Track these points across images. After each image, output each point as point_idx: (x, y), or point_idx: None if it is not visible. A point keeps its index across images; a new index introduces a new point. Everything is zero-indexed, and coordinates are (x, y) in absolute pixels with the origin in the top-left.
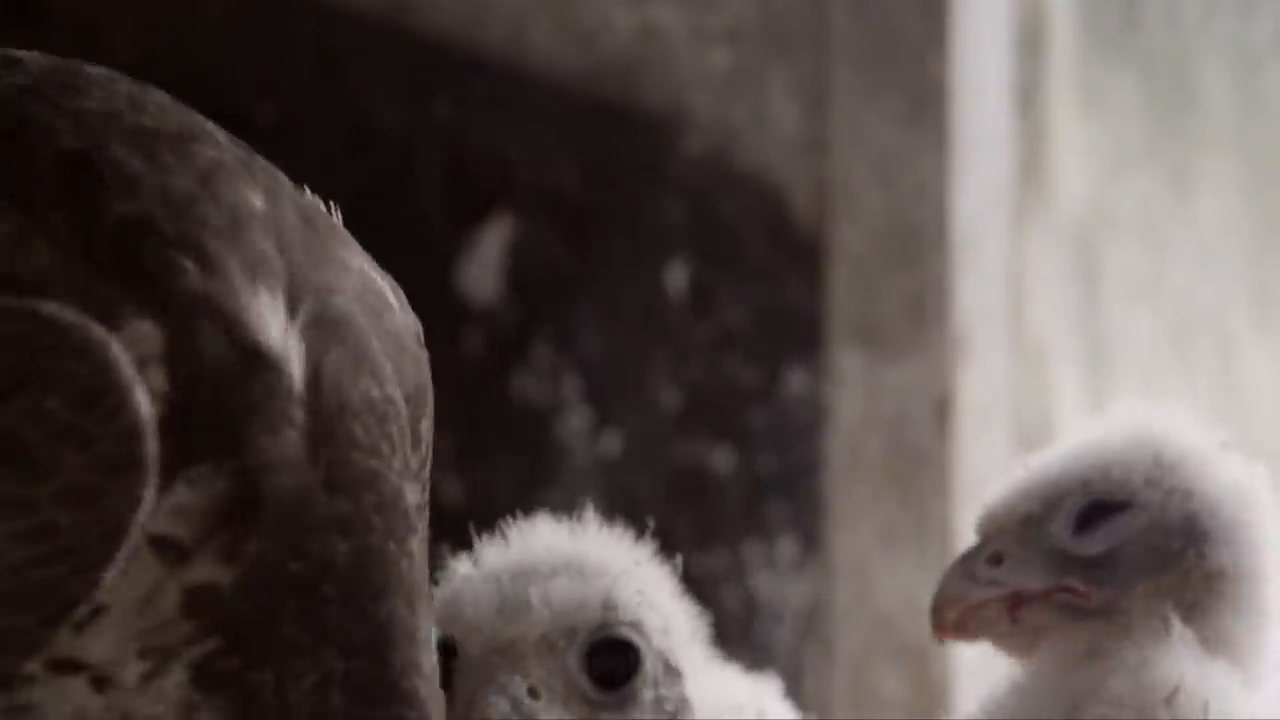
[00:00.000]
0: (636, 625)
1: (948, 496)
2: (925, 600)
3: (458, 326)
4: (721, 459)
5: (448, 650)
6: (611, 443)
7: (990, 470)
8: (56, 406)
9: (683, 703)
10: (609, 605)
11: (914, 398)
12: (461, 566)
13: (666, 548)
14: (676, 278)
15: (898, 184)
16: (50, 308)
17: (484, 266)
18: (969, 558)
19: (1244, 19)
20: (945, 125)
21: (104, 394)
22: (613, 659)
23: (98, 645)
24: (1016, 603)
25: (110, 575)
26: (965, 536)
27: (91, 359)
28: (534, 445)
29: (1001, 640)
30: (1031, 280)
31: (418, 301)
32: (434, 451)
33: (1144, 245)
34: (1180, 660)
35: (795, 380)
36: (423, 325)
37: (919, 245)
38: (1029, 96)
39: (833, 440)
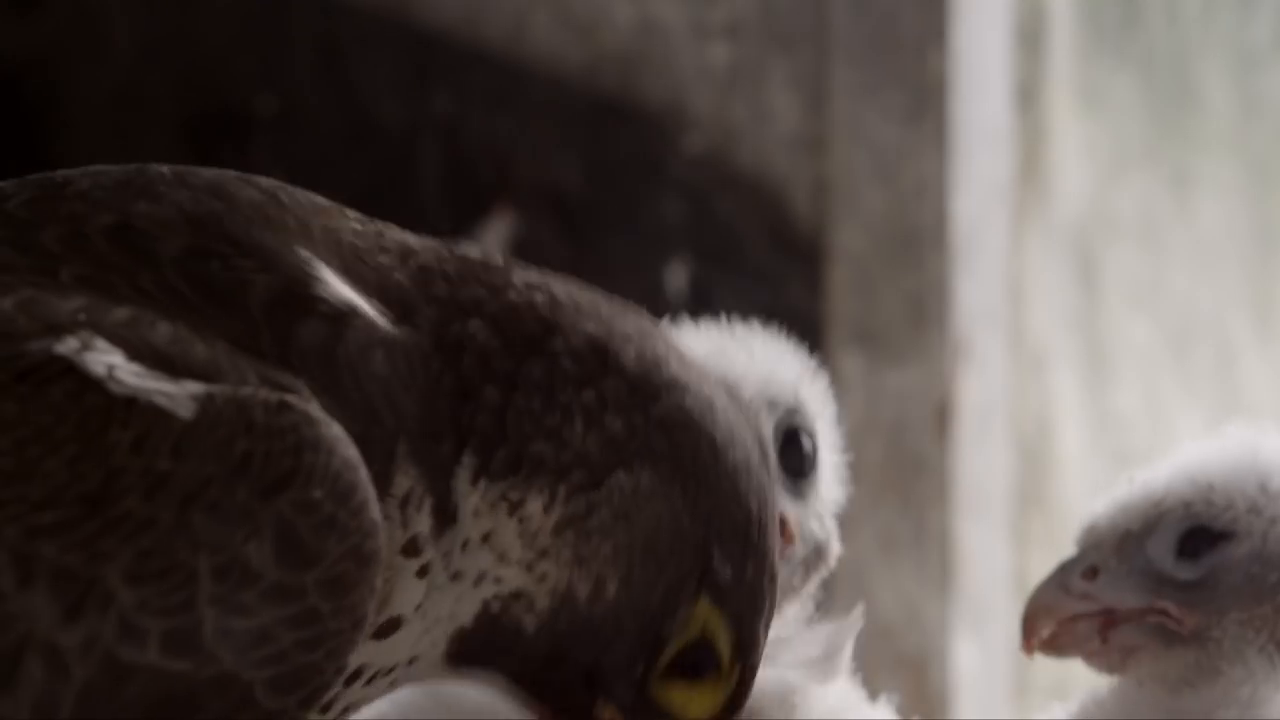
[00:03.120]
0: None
1: (947, 502)
2: (924, 609)
3: None
4: None
5: None
6: None
7: (989, 476)
8: (322, 498)
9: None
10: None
11: (914, 402)
12: None
13: None
14: (676, 277)
15: (898, 182)
16: (312, 405)
17: None
18: (1065, 569)
19: (1244, 18)
20: (945, 122)
21: (355, 488)
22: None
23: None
24: (1108, 622)
25: (351, 660)
26: (964, 542)
27: (344, 454)
28: None
29: (1091, 658)
30: (1031, 284)
31: None
32: None
33: (1143, 249)
34: None
35: None
36: None
37: (919, 246)
38: (1029, 94)
39: None
